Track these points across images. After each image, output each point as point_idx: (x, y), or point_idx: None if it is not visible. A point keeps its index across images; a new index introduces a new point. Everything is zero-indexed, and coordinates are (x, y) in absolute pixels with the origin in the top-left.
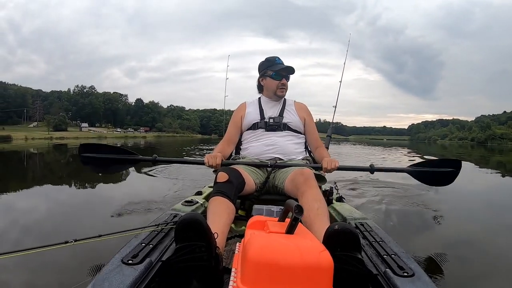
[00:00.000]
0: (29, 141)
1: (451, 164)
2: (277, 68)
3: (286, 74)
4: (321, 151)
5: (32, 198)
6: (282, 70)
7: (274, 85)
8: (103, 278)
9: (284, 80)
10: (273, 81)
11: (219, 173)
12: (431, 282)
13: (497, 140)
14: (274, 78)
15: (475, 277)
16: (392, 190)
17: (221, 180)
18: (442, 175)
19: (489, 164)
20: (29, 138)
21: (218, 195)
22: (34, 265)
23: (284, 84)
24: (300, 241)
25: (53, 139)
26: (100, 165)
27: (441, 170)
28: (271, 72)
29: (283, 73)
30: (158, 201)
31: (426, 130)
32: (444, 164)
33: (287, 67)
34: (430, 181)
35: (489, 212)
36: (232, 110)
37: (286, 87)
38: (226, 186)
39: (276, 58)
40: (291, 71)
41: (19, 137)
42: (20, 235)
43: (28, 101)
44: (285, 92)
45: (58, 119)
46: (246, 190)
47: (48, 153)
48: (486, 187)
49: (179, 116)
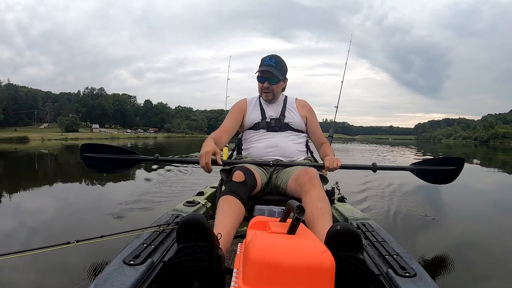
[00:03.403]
0: (45, 142)
1: (453, 162)
2: (260, 69)
3: (270, 77)
4: (325, 148)
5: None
6: (263, 72)
7: (259, 88)
8: (105, 278)
9: (266, 83)
10: (258, 84)
11: (236, 171)
12: (433, 282)
13: (499, 139)
14: (259, 80)
15: (478, 277)
16: (394, 189)
17: (237, 179)
18: (444, 173)
19: (492, 162)
20: (45, 139)
21: (231, 194)
22: (38, 264)
23: (267, 88)
24: (302, 241)
25: (68, 140)
26: (102, 165)
27: (443, 168)
28: (258, 73)
29: (264, 75)
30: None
31: (432, 130)
32: (447, 162)
33: (264, 70)
34: (432, 179)
35: (492, 211)
36: None
37: (271, 91)
38: (241, 187)
39: (266, 58)
40: (270, 74)
41: (36, 138)
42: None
43: (39, 102)
44: (271, 96)
45: (70, 121)
46: (254, 190)
47: (72, 153)
48: (487, 185)
49: (187, 117)
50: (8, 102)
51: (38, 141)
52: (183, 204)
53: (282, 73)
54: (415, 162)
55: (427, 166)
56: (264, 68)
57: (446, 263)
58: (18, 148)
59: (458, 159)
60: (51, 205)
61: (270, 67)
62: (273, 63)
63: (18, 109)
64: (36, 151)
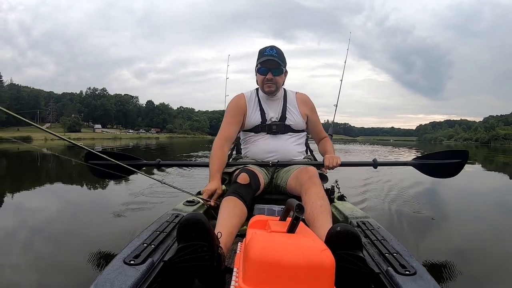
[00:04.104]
0: (48, 142)
1: (457, 155)
2: (261, 60)
3: (274, 68)
4: (324, 143)
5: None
6: (264, 62)
7: (260, 80)
8: (105, 279)
9: (270, 74)
10: (259, 76)
11: (241, 173)
12: (433, 281)
13: (500, 140)
14: (260, 72)
15: (478, 276)
16: (395, 188)
17: (242, 181)
18: (448, 166)
19: (493, 163)
20: (48, 139)
21: (235, 195)
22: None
23: (270, 79)
24: (302, 240)
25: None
26: (106, 172)
27: (447, 162)
28: (259, 65)
29: (268, 66)
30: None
31: (434, 131)
32: (450, 156)
33: (268, 59)
34: (436, 174)
35: (492, 211)
36: None
37: (274, 82)
38: (245, 188)
39: (267, 49)
40: (273, 64)
41: (39, 138)
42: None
43: (41, 103)
44: (274, 88)
45: (72, 121)
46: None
47: (77, 154)
48: (486, 185)
49: (189, 118)
50: (10, 102)
51: (41, 141)
52: (183, 204)
53: (284, 64)
54: (416, 157)
55: (430, 160)
56: (268, 58)
57: (447, 262)
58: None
59: (461, 151)
60: (68, 203)
61: (273, 57)
62: (275, 54)
63: (21, 109)
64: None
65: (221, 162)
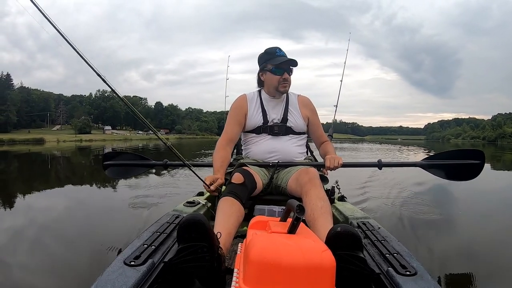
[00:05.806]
0: (61, 144)
1: (472, 156)
2: (278, 61)
3: (288, 68)
4: (325, 146)
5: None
6: (283, 63)
7: (275, 80)
8: (105, 280)
9: (286, 74)
10: (273, 76)
11: (235, 174)
12: (434, 281)
13: (507, 138)
14: (274, 72)
15: (479, 277)
16: (396, 187)
17: (236, 181)
18: (465, 167)
19: (500, 162)
20: (60, 140)
21: (231, 195)
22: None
23: (286, 79)
24: (302, 240)
25: (82, 141)
26: (120, 171)
27: (462, 162)
28: (271, 66)
29: (285, 66)
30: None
31: (442, 130)
32: (465, 155)
33: (288, 60)
34: (450, 175)
35: (497, 210)
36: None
37: (289, 82)
38: (240, 188)
39: (276, 50)
40: (293, 64)
41: (51, 140)
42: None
43: (51, 105)
44: (288, 87)
45: (83, 122)
46: (254, 192)
47: (89, 155)
48: (492, 184)
49: (198, 118)
50: (21, 105)
51: (54, 143)
52: (183, 205)
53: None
54: (425, 157)
55: (442, 161)
56: (285, 59)
57: (447, 262)
58: (31, 150)
59: (476, 151)
60: (90, 201)
61: (287, 58)
62: (284, 54)
63: (31, 112)
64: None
65: (224, 160)
